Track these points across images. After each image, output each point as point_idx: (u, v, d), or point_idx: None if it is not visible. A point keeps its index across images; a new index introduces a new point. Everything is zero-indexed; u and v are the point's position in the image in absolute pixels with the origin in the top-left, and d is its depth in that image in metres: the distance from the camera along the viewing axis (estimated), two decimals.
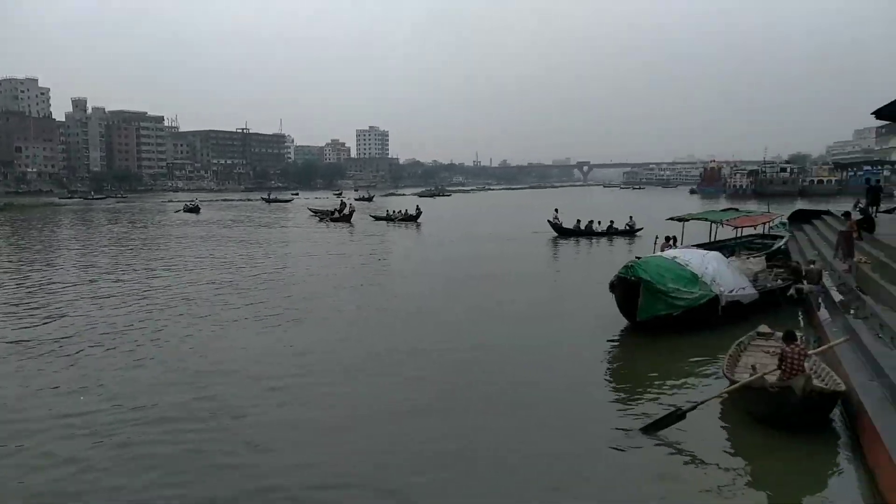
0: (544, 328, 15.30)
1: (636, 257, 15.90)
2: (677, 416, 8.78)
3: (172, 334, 14.51)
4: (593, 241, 35.42)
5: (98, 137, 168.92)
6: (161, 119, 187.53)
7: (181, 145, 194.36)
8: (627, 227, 37.15)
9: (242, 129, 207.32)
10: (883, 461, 7.15)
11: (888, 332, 10.74)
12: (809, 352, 9.81)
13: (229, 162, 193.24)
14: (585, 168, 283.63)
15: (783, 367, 9.08)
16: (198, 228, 46.84)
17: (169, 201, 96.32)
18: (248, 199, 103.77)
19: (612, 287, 14.73)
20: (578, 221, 37.68)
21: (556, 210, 39.00)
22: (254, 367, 12.16)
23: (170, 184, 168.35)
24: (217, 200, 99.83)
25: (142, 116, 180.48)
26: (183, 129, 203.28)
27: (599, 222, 37.52)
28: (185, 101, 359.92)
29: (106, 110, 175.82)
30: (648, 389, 10.95)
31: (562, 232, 37.04)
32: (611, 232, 36.97)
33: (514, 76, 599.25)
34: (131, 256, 29.70)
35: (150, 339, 14.03)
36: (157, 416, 9.69)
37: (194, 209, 66.65)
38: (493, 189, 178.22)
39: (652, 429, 8.77)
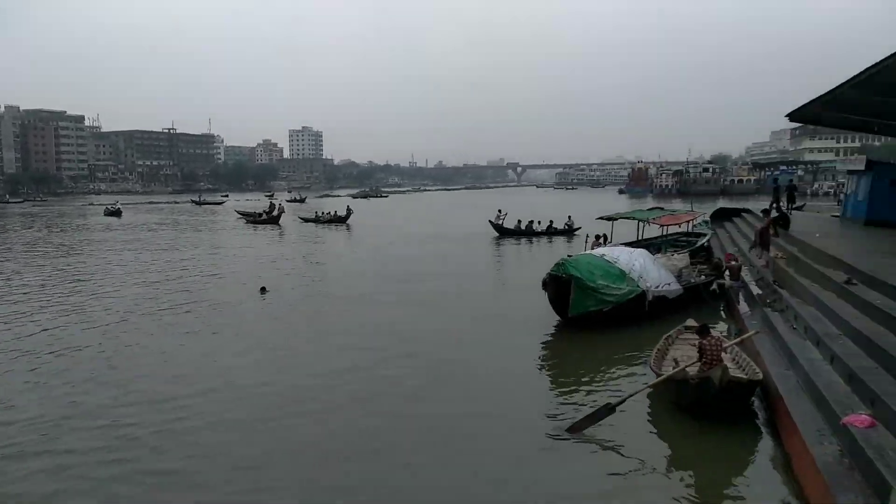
0: (481, 327, 15.37)
1: (567, 255, 16.27)
2: (607, 409, 9.00)
3: (82, 347, 13.68)
4: (534, 240, 35.93)
5: (12, 138, 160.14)
6: (81, 119, 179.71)
7: (103, 146, 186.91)
8: (566, 227, 37.85)
9: (169, 130, 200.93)
10: (797, 446, 7.51)
11: (802, 323, 11.29)
12: (725, 343, 10.27)
13: (155, 163, 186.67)
14: (519, 169, 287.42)
15: (703, 359, 9.46)
16: (119, 233, 44.92)
17: (90, 204, 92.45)
18: (176, 202, 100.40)
19: (545, 285, 15.11)
20: (519, 221, 38.22)
21: (500, 210, 39.37)
22: (169, 383, 11.35)
23: (92, 186, 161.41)
24: (142, 203, 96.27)
25: (60, 116, 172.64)
26: (105, 129, 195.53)
27: (539, 222, 38.19)
28: (107, 100, 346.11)
29: (20, 109, 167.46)
30: (581, 385, 11.18)
31: (503, 232, 37.53)
32: (550, 231, 37.72)
33: (449, 78, 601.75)
34: (46, 263, 28.27)
35: (56, 352, 13.29)
36: (52, 439, 8.99)
37: (116, 212, 64.02)
38: (429, 190, 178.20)
39: (585, 423, 8.93)
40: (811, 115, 27.30)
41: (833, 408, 7.56)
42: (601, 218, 23.46)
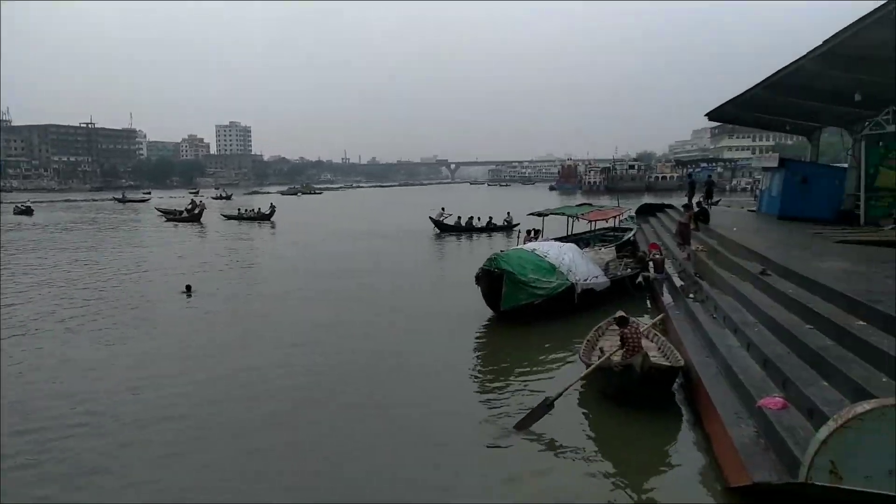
0: (422, 323, 15.42)
1: (500, 250, 16.53)
2: (546, 406, 9.00)
3: None
4: (474, 236, 36.37)
5: None
6: None
7: (15, 141, 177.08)
8: (505, 223, 38.41)
9: (87, 124, 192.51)
10: (717, 428, 7.86)
11: (721, 312, 11.79)
12: (642, 328, 10.72)
13: (73, 159, 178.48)
14: (453, 166, 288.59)
15: (626, 348, 9.80)
16: (29, 233, 42.68)
17: None
18: (94, 200, 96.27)
19: (478, 279, 15.30)
20: (459, 218, 38.80)
21: (443, 209, 39.79)
22: (81, 388, 10.89)
23: (2, 183, 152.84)
24: (59, 201, 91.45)
25: None
26: (16, 122, 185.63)
27: (479, 218, 38.70)
28: (18, 92, 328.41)
29: None
30: (520, 378, 11.34)
31: (444, 228, 38.06)
32: (490, 228, 38.29)
33: (382, 73, 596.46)
34: None
35: None
36: None
37: (26, 211, 60.71)
38: (362, 186, 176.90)
39: (529, 421, 8.88)
40: (728, 115, 28.56)
41: (749, 392, 7.95)
42: (532, 214, 23.99)
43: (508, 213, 39.21)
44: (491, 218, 38.79)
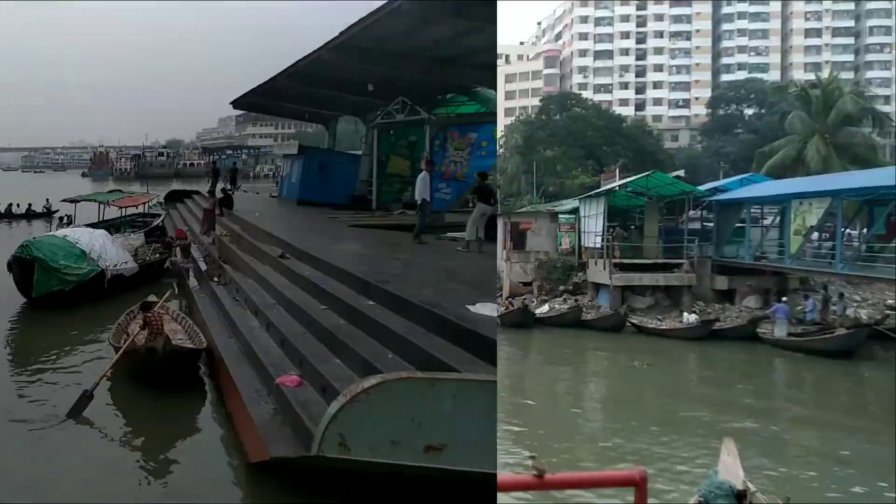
0: None
1: (34, 237, 16.14)
2: (87, 397, 8.35)
3: None
4: (13, 223, 34.44)
5: None
6: None
7: None
8: (45, 210, 36.56)
9: None
10: (238, 407, 7.78)
11: (243, 294, 11.81)
12: (156, 307, 10.43)
13: None
14: None
15: (149, 331, 9.54)
16: None
17: None
18: None
19: (10, 266, 14.69)
20: None
21: None
22: None
23: None
24: None
25: None
26: None
27: (18, 205, 37.27)
28: None
29: None
30: (55, 366, 10.54)
31: None
32: (29, 215, 36.83)
33: None
34: None
35: None
36: None
37: None
38: None
39: (74, 413, 8.15)
40: (253, 103, 28.88)
41: (269, 370, 7.98)
42: (65, 200, 23.48)
43: (48, 199, 36.80)
44: (31, 204, 37.29)
